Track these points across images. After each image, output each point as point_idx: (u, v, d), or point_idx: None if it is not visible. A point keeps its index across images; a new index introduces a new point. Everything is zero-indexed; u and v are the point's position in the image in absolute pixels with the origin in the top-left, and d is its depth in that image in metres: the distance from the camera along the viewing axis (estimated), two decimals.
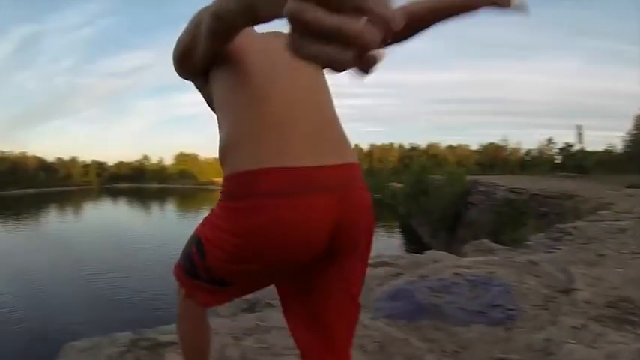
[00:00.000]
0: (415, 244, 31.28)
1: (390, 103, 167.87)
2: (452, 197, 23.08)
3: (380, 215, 54.23)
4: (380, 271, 3.03)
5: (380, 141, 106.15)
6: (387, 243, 33.52)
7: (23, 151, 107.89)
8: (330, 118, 0.96)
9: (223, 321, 2.32)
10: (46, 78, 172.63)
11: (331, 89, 1.04)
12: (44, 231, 43.36)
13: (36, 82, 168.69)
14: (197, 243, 0.95)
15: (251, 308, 3.50)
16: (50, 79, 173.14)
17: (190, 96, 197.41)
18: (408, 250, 30.05)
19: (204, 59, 0.84)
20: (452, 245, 20.72)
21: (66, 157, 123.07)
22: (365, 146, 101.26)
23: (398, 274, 2.94)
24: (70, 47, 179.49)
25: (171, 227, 47.48)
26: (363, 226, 0.93)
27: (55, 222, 54.01)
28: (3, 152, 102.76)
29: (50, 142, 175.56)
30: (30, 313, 19.01)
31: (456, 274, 2.56)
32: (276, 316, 2.03)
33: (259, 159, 0.80)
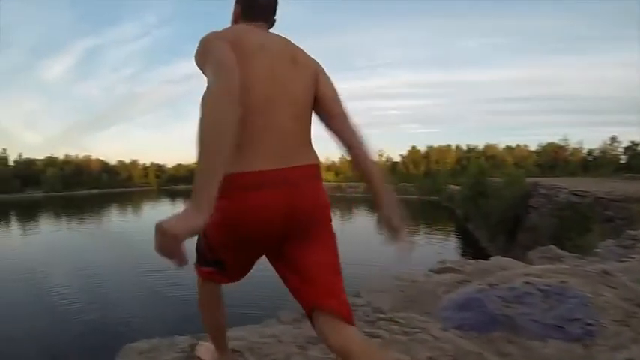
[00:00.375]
0: (472, 247, 30.30)
1: (446, 103, 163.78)
2: (511, 200, 22.09)
3: (436, 217, 53.21)
4: (445, 277, 2.92)
5: (437, 142, 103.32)
6: (442, 247, 32.76)
7: (87, 154, 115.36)
8: (298, 130, 1.23)
9: (285, 328, 2.30)
10: (108, 87, 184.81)
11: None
12: (106, 229, 46.19)
13: (98, 91, 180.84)
14: (203, 236, 1.28)
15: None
16: (111, 88, 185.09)
17: None
18: (463, 255, 29.21)
19: None
20: (511, 250, 19.87)
21: (127, 159, 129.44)
22: (422, 147, 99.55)
23: (464, 282, 2.82)
24: (129, 57, 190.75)
25: None
26: (313, 213, 1.22)
27: (116, 221, 57.32)
28: (69, 156, 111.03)
29: (112, 146, 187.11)
30: (89, 306, 20.22)
31: (527, 282, 2.39)
32: None
33: (238, 166, 1.08)
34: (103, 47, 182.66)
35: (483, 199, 26.56)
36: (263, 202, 1.12)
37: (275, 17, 1.41)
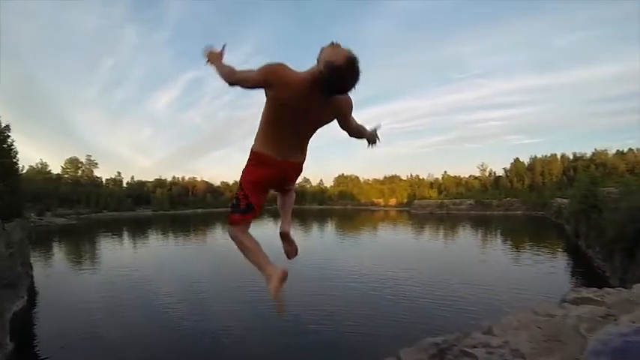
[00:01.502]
0: (584, 267, 27.52)
1: (547, 110, 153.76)
2: (629, 213, 19.43)
3: (543, 234, 48.89)
4: (584, 310, 2.51)
5: (541, 152, 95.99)
6: (551, 267, 30.15)
7: (193, 176, 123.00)
8: (302, 144, 2.30)
9: None
10: (210, 114, 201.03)
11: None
12: (209, 245, 49.38)
13: (201, 118, 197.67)
14: (239, 185, 2.28)
15: (440, 355, 3.22)
16: (213, 115, 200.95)
17: None
18: (572, 275, 26.39)
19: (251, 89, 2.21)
20: (630, 270, 17.51)
21: (230, 180, 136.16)
22: (525, 159, 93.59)
23: (608, 316, 2.39)
24: (226, 86, 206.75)
25: (331, 246, 50.02)
26: (290, 180, 2.50)
27: (218, 238, 61.21)
28: (176, 177, 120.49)
29: (216, 169, 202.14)
30: (189, 315, 21.67)
31: None
32: None
33: (265, 149, 2.19)
34: (203, 78, 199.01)
35: (596, 213, 23.91)
36: (268, 172, 2.23)
37: None
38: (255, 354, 17.01)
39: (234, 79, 2.19)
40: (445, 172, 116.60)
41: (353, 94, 2.13)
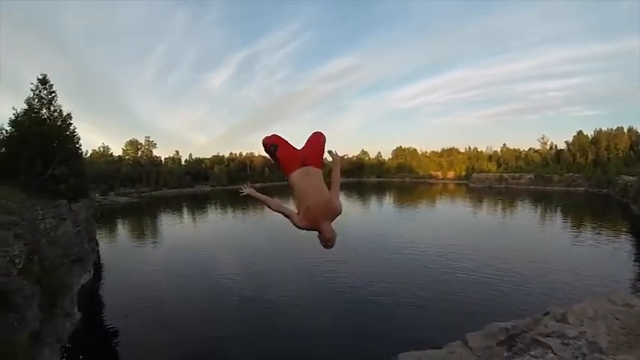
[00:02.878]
0: None
1: (612, 79, 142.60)
2: None
3: (606, 213, 46.28)
4: None
5: (606, 125, 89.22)
6: (614, 249, 28.50)
7: (250, 151, 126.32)
8: (322, 192, 3.13)
9: None
10: (266, 89, 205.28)
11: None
12: (267, 221, 50.77)
13: (257, 94, 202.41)
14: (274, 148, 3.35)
15: (509, 342, 3.11)
16: (269, 90, 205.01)
17: (404, 92, 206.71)
18: (638, 259, 24.75)
19: None
20: None
21: None
22: (589, 132, 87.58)
23: None
24: (282, 61, 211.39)
25: (389, 219, 50.32)
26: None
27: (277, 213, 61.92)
28: (233, 154, 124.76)
29: None
30: (247, 285, 22.64)
31: None
32: None
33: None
34: (257, 55, 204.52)
35: None
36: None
37: None
38: (311, 323, 17.64)
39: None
40: (504, 144, 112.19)
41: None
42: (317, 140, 3.46)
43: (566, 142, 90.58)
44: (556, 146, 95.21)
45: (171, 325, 17.78)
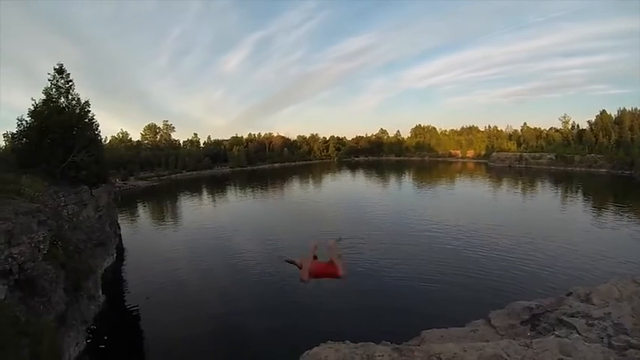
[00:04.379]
0: None
1: (636, 57, 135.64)
2: None
3: (629, 196, 45.26)
4: None
5: (631, 105, 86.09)
6: (637, 231, 27.86)
7: (269, 132, 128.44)
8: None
9: (509, 343, 2.04)
10: (281, 70, 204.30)
11: None
12: (286, 201, 51.40)
13: (273, 75, 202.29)
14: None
15: (533, 322, 3.12)
16: (285, 71, 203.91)
17: (421, 70, 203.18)
18: None
19: None
20: None
21: (306, 134, 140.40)
22: (613, 112, 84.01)
23: None
24: (297, 42, 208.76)
25: (408, 197, 50.42)
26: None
27: (295, 190, 63.90)
28: (252, 135, 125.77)
29: (292, 124, 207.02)
30: (268, 263, 23.14)
31: None
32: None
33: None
34: (272, 36, 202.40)
35: None
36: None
37: None
38: (332, 300, 18.03)
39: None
40: (525, 123, 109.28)
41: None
42: (331, 272, 4.49)
43: (588, 121, 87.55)
44: (578, 126, 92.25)
45: (192, 304, 18.42)
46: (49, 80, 22.92)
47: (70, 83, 23.55)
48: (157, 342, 15.33)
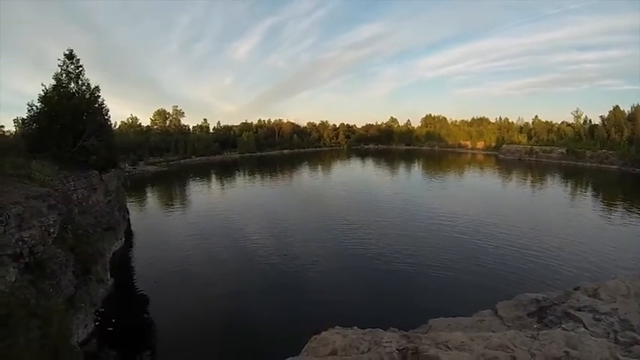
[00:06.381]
0: None
1: None
2: None
3: (639, 195, 44.64)
4: None
5: None
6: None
7: (279, 118, 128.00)
8: None
9: (515, 334, 2.10)
10: (292, 58, 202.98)
11: None
12: (295, 186, 51.67)
13: (284, 63, 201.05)
14: None
15: (540, 314, 3.15)
16: (296, 59, 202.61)
17: (432, 60, 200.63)
18: None
19: None
20: None
21: (316, 121, 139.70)
22: (626, 108, 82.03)
23: None
24: (308, 29, 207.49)
25: (417, 187, 50.45)
26: None
27: (304, 176, 64.20)
28: (262, 121, 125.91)
29: (302, 111, 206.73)
30: (276, 249, 23.43)
31: None
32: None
33: None
34: (282, 24, 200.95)
35: None
36: None
37: None
38: (339, 287, 18.25)
39: None
40: (536, 116, 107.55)
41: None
42: None
43: (601, 116, 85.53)
44: (590, 121, 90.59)
45: (200, 288, 18.75)
46: (59, 66, 23.01)
47: (80, 69, 23.62)
48: (164, 325, 15.64)
